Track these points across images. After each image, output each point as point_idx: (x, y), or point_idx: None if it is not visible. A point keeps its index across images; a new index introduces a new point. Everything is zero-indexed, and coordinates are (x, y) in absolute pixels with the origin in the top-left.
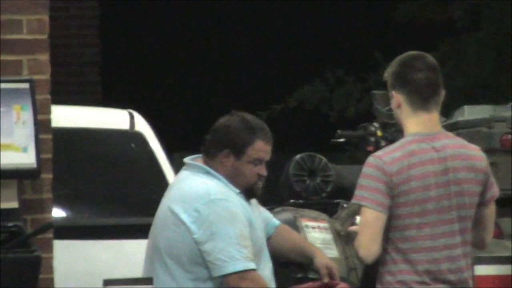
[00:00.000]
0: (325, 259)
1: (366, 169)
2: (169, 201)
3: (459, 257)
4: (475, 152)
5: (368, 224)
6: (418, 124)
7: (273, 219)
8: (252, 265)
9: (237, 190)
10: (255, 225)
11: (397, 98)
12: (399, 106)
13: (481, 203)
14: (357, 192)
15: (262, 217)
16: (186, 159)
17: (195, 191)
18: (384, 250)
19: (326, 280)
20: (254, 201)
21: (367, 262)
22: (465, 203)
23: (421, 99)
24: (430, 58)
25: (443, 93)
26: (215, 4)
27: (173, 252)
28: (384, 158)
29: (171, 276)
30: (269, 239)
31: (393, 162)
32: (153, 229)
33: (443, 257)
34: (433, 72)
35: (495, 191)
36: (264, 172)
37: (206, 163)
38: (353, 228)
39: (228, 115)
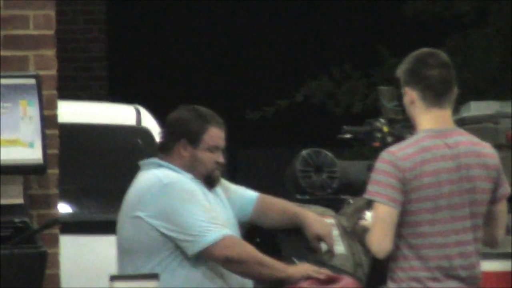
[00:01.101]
0: (315, 228)
1: (379, 164)
2: (125, 206)
3: (471, 253)
4: (487, 150)
5: (381, 220)
6: (432, 120)
7: (250, 193)
8: (227, 231)
9: (190, 175)
10: (214, 209)
11: (411, 94)
12: (412, 102)
13: (492, 201)
14: (370, 187)
15: (235, 199)
16: (141, 162)
17: (146, 184)
18: (396, 246)
19: (319, 251)
20: (220, 188)
21: (379, 257)
22: (477, 200)
23: (434, 95)
24: (443, 55)
25: (456, 90)
26: None
27: (134, 248)
28: (397, 154)
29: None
30: (252, 212)
31: (406, 158)
32: (116, 237)
33: (456, 253)
34: (446, 69)
35: (506, 189)
36: (221, 159)
37: (163, 158)
38: (364, 223)
39: (176, 110)
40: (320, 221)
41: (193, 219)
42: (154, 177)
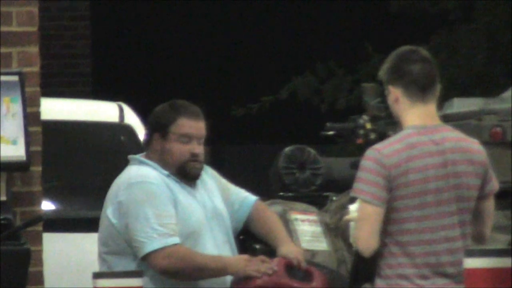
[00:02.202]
0: (286, 251)
1: (365, 162)
2: (104, 203)
3: (459, 249)
4: (474, 145)
5: (366, 218)
6: (417, 116)
7: (248, 197)
8: (171, 241)
9: (166, 172)
10: (186, 208)
11: (394, 92)
12: (396, 100)
13: (480, 197)
14: (355, 185)
15: (234, 201)
16: (128, 156)
17: (118, 181)
18: (383, 243)
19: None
20: (210, 183)
21: (365, 256)
22: (464, 196)
23: (418, 90)
24: (424, 51)
25: (439, 85)
26: None
27: (105, 245)
28: (383, 151)
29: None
30: (247, 216)
31: (392, 155)
32: None
33: (444, 249)
34: (428, 63)
35: (494, 185)
36: (195, 149)
37: (146, 154)
38: (348, 217)
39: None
40: (295, 248)
41: (141, 225)
42: (127, 175)
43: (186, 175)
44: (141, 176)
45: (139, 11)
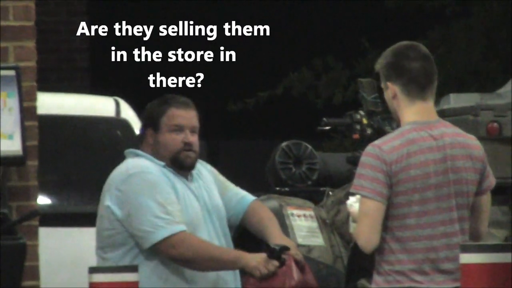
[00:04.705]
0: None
1: (365, 158)
2: (101, 195)
3: (457, 245)
4: (472, 141)
5: (368, 214)
6: (415, 113)
7: (246, 196)
8: (178, 228)
9: (163, 163)
10: (183, 198)
11: (393, 89)
12: (394, 96)
13: (477, 193)
14: (356, 181)
15: (230, 198)
16: (125, 151)
17: (116, 173)
18: (382, 239)
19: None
20: (208, 178)
21: (366, 252)
22: (463, 191)
23: (417, 88)
24: (423, 47)
25: (436, 82)
26: None
27: (103, 238)
28: (383, 147)
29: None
30: (243, 215)
31: (392, 151)
32: None
33: (442, 245)
34: (428, 61)
35: (491, 180)
36: (188, 138)
37: (140, 149)
38: (351, 210)
39: None
40: (292, 246)
41: (145, 214)
42: (124, 167)
43: (180, 164)
44: (140, 166)
45: (137, 5)
